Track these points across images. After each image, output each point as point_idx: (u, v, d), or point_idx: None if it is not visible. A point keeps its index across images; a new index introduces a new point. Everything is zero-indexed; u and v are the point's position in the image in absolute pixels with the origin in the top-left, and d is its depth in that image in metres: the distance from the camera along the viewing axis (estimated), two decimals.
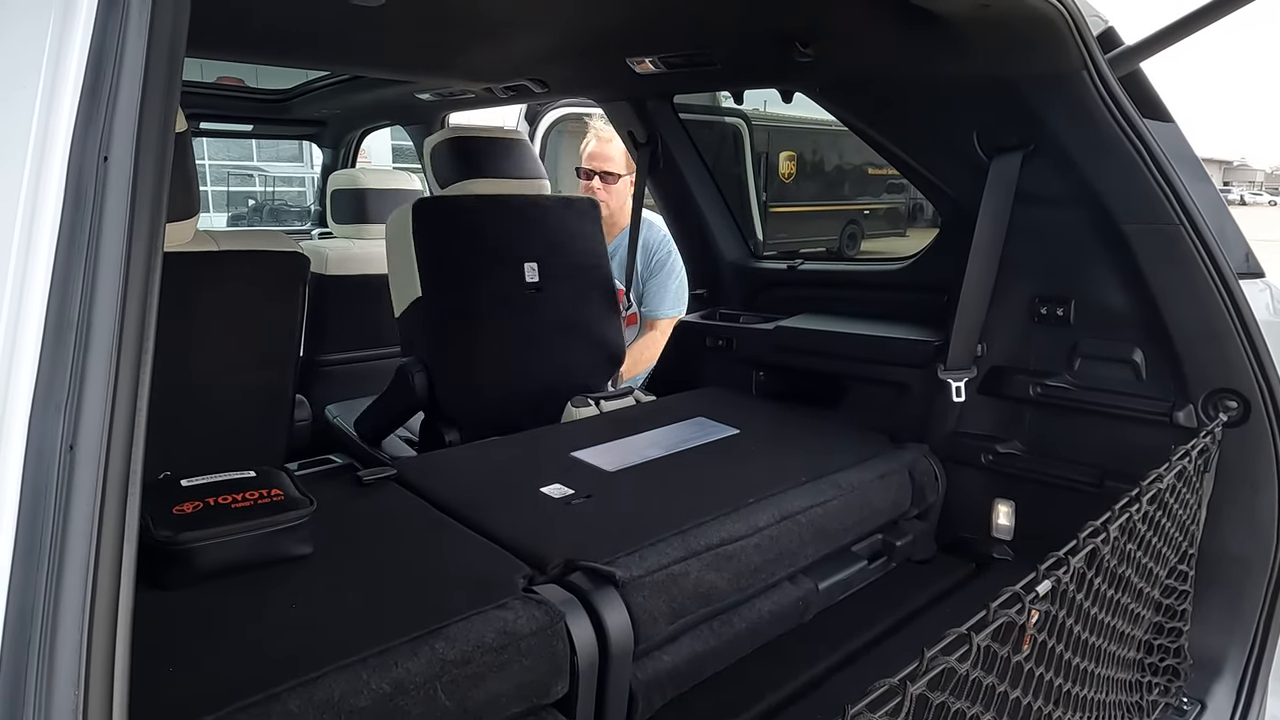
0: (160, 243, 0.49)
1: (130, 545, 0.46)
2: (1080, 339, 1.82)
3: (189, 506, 1.27)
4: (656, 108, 2.58)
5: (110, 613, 0.45)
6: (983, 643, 0.87)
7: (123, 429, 0.46)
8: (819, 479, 1.71)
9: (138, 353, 0.47)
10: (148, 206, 0.47)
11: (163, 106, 0.48)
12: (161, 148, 0.48)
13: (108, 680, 0.46)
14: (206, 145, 13.98)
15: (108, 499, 0.44)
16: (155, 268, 0.48)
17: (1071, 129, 1.65)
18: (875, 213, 16.65)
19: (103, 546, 0.44)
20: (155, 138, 0.48)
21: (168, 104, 0.49)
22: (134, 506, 0.47)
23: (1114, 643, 1.28)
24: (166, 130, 0.49)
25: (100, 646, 0.45)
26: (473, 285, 2.27)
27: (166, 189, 0.50)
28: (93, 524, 0.43)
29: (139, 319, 0.47)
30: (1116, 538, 1.15)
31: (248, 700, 0.96)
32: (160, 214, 0.49)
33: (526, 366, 2.36)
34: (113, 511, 0.45)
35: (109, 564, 0.44)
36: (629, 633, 1.27)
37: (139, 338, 0.47)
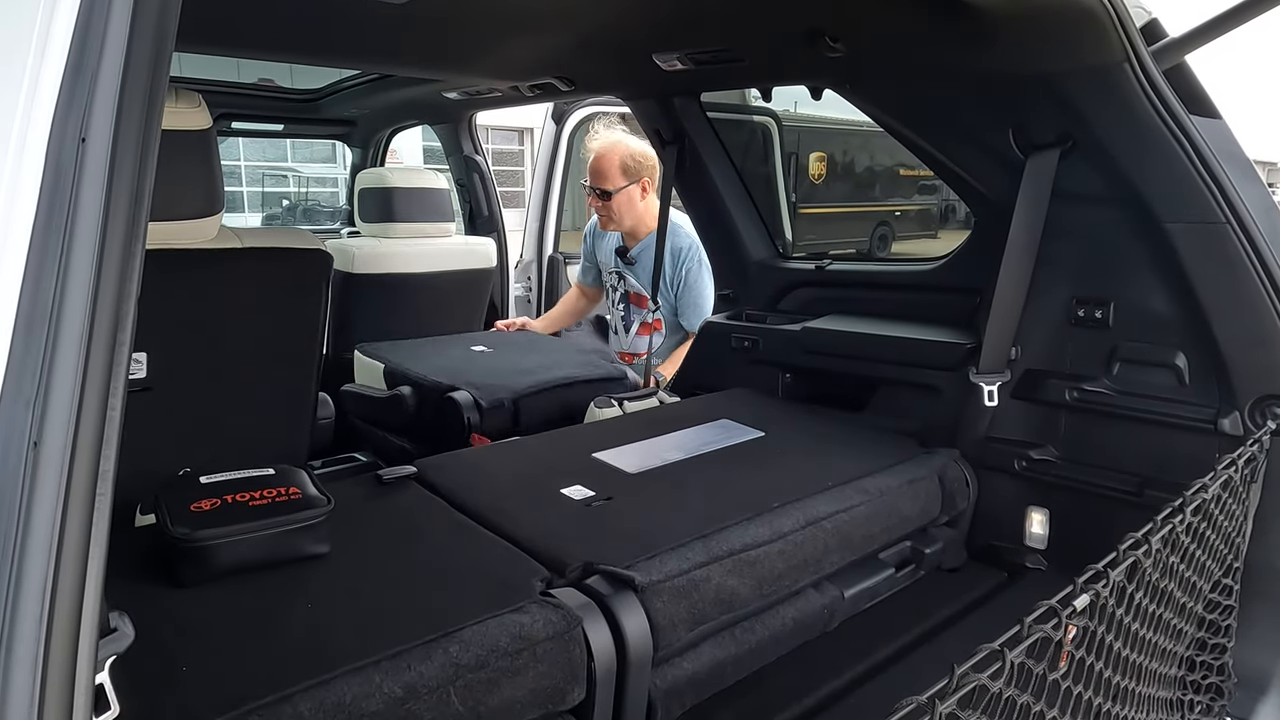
0: (140, 232, 0.47)
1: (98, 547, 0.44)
2: (1120, 342, 1.76)
3: (206, 504, 1.26)
4: (683, 106, 2.55)
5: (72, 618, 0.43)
6: (1016, 659, 0.83)
7: (91, 426, 0.44)
8: (845, 484, 1.66)
9: (110, 346, 0.45)
10: (126, 192, 0.45)
11: (146, 89, 0.46)
12: (144, 132, 0.46)
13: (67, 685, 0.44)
14: (243, 146, 14.24)
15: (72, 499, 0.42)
16: (133, 257, 0.46)
17: (1112, 125, 1.59)
18: (906, 214, 16.50)
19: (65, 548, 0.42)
20: (136, 121, 0.46)
21: (153, 87, 0.47)
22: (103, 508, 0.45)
23: (1155, 659, 1.22)
24: (151, 115, 0.47)
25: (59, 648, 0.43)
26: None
27: (150, 178, 0.48)
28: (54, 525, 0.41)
29: (112, 310, 0.45)
30: (1158, 550, 1.10)
31: (259, 702, 0.95)
32: (141, 202, 0.47)
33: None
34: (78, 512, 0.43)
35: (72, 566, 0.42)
36: (648, 639, 1.24)
37: (112, 330, 0.45)
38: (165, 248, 1.53)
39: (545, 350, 2.89)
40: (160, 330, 1.57)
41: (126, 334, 0.46)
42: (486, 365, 2.63)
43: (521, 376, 2.50)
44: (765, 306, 2.60)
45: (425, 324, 3.22)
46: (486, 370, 2.55)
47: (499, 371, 2.54)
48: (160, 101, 0.48)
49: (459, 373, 2.51)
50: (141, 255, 0.47)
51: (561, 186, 3.86)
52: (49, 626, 0.42)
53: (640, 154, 2.97)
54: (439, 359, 2.70)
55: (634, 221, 3.02)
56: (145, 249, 0.47)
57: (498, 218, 3.79)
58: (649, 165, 2.98)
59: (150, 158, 0.47)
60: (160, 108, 0.48)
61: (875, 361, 2.14)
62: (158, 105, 0.47)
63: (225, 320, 1.66)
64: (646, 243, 3.03)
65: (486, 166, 3.81)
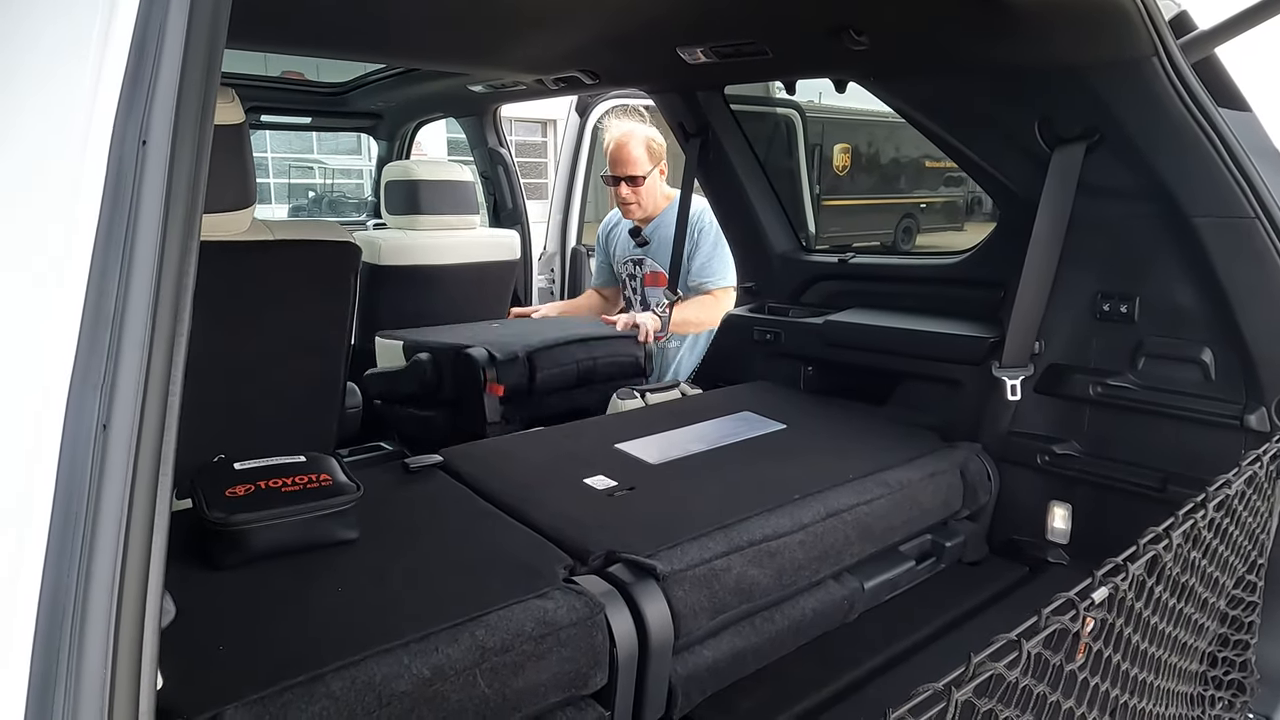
0: (196, 229, 0.50)
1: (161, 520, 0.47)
2: (1145, 337, 1.75)
3: (241, 489, 1.30)
4: (707, 98, 2.55)
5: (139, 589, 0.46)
6: (1034, 650, 0.84)
7: (155, 410, 0.47)
8: (866, 477, 1.67)
9: (171, 336, 0.47)
10: (184, 193, 0.48)
11: (201, 92, 0.49)
12: (199, 134, 0.49)
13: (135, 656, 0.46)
14: (269, 139, 14.40)
15: (139, 477, 0.45)
16: (190, 253, 0.49)
17: (1140, 118, 1.58)
18: (931, 207, 16.34)
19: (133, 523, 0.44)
20: (192, 124, 0.48)
21: (207, 90, 0.49)
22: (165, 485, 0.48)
23: (1175, 654, 1.22)
24: (205, 116, 0.50)
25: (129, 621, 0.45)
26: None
27: (204, 176, 0.50)
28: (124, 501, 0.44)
29: (172, 302, 0.47)
30: (1180, 545, 1.10)
31: (293, 680, 0.98)
32: (197, 201, 0.49)
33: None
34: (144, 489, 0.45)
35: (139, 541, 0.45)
36: (669, 626, 1.26)
37: (172, 321, 0.47)
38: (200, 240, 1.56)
39: (560, 323, 2.92)
40: (194, 321, 1.60)
41: (184, 324, 0.48)
42: (501, 331, 2.68)
43: (535, 337, 2.55)
44: (788, 299, 2.60)
45: (450, 315, 3.25)
46: (501, 334, 2.59)
47: (513, 335, 2.59)
48: (213, 101, 0.50)
49: (474, 336, 2.56)
50: (197, 249, 0.49)
51: (585, 179, 3.88)
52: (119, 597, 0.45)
53: (657, 138, 2.98)
54: (455, 333, 2.75)
55: (654, 206, 3.03)
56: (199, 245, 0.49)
57: (522, 210, 3.82)
58: (664, 148, 2.99)
59: (205, 156, 0.50)
60: (213, 107, 0.50)
61: (898, 355, 2.14)
62: (211, 105, 0.50)
63: (257, 311, 1.70)
64: (658, 221, 3.04)
65: (511, 159, 3.83)
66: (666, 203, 3.02)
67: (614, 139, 3.00)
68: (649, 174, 2.94)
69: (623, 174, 2.96)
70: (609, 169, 3.04)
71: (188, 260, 0.48)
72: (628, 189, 2.97)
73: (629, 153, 2.93)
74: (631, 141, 2.93)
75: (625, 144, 2.94)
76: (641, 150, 2.92)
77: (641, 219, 3.08)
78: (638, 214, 3.05)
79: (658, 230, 3.04)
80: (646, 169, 2.93)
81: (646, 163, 2.93)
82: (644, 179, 2.93)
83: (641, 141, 2.93)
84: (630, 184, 2.95)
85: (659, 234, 3.04)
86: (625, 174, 2.95)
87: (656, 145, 2.96)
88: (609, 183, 3.08)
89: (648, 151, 2.93)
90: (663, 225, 3.01)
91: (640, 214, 3.04)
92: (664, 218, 3.01)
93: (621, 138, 2.96)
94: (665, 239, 2.96)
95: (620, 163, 2.96)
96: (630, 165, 2.94)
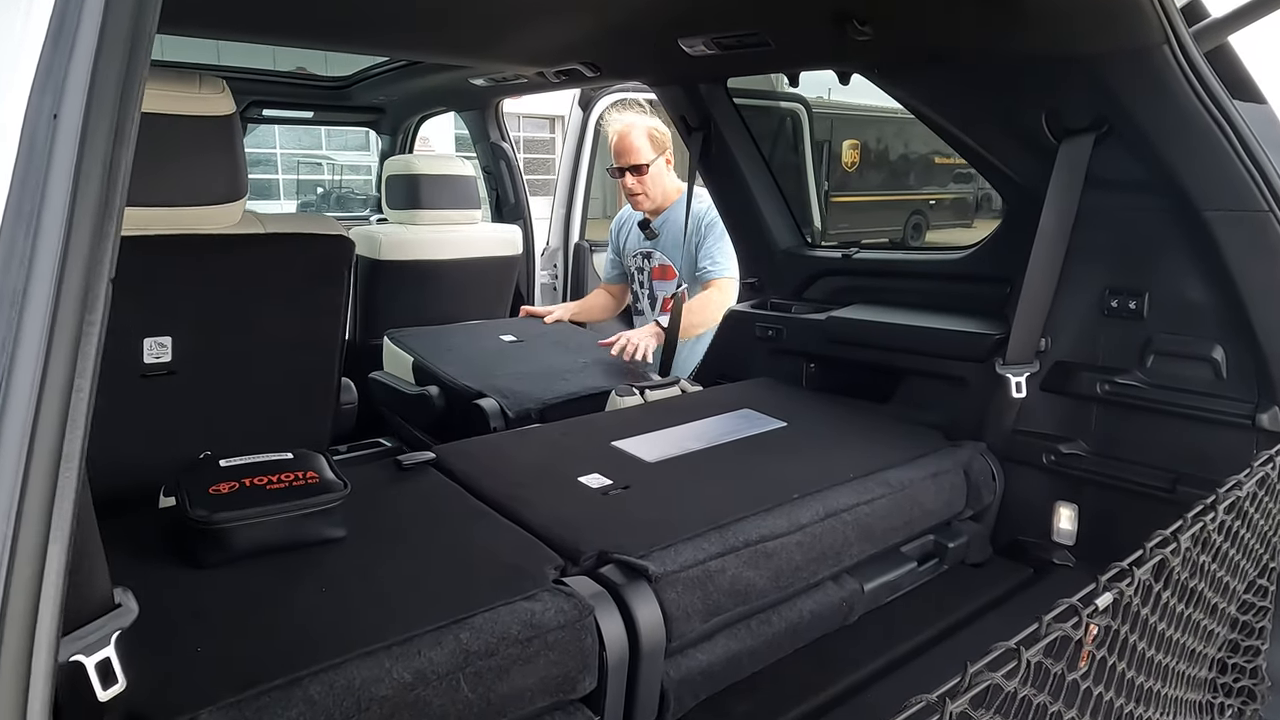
0: (114, 213, 0.46)
1: (60, 530, 0.44)
2: (1154, 334, 1.70)
3: (225, 487, 1.27)
4: (709, 91, 2.51)
5: (28, 610, 0.43)
6: (1034, 658, 0.80)
7: (55, 405, 0.44)
8: (867, 476, 1.64)
9: (77, 326, 0.44)
10: (97, 174, 0.45)
11: (122, 66, 0.45)
12: (118, 111, 0.45)
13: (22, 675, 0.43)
14: (279, 135, 14.42)
15: (31, 480, 0.42)
16: (106, 239, 0.45)
17: (1150, 109, 1.54)
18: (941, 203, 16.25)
19: (22, 530, 0.41)
20: (111, 97, 0.45)
21: (130, 65, 0.46)
22: (67, 489, 0.44)
23: (1183, 661, 1.19)
24: (128, 94, 0.46)
25: (14, 636, 0.42)
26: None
27: (126, 158, 0.47)
28: (11, 505, 0.41)
29: (79, 291, 0.44)
30: (1188, 549, 1.07)
31: (270, 684, 0.95)
32: (116, 184, 0.46)
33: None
34: (37, 493, 0.42)
35: (30, 548, 0.42)
36: (661, 629, 1.23)
37: (79, 311, 0.44)
38: (189, 233, 1.54)
39: (575, 350, 2.85)
40: (184, 315, 1.58)
41: (97, 314, 0.45)
42: (515, 368, 2.60)
43: (550, 382, 2.48)
44: (791, 295, 2.57)
45: (452, 310, 3.23)
46: (515, 375, 2.52)
47: (527, 376, 2.52)
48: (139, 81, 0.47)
49: (487, 374, 2.50)
50: (115, 237, 0.46)
51: (588, 174, 3.85)
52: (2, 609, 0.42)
53: (660, 127, 2.97)
54: (468, 355, 2.69)
55: (663, 195, 3.01)
56: (120, 232, 0.46)
57: (524, 205, 3.79)
58: (668, 137, 2.97)
59: (126, 139, 0.46)
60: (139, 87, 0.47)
61: (901, 352, 2.11)
62: (135, 84, 0.47)
63: (248, 305, 1.67)
64: (667, 214, 3.02)
65: (513, 153, 3.80)
66: (677, 195, 2.99)
67: (615, 131, 3.00)
68: (653, 162, 2.93)
69: (626, 164, 2.94)
70: (613, 161, 3.02)
71: (102, 247, 0.45)
72: (633, 179, 2.95)
73: (630, 142, 2.92)
74: (633, 131, 2.92)
75: (627, 134, 2.93)
76: (643, 139, 2.91)
77: (651, 210, 3.05)
78: (646, 205, 3.02)
79: (667, 223, 3.02)
80: (650, 156, 2.92)
81: (649, 150, 2.92)
82: (648, 167, 2.92)
83: (643, 130, 2.92)
84: (635, 173, 2.94)
85: (668, 227, 3.02)
86: (629, 163, 2.94)
87: (659, 134, 2.95)
88: (615, 175, 3.05)
89: (650, 140, 2.92)
90: (672, 218, 2.99)
91: (649, 205, 3.02)
92: (673, 211, 2.99)
93: (623, 129, 2.95)
94: (675, 232, 2.93)
95: (623, 153, 2.95)
96: (633, 154, 2.92)
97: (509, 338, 2.90)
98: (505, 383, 2.44)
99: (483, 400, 2.34)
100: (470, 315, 3.26)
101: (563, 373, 2.57)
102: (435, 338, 2.85)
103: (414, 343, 2.78)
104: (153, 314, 1.56)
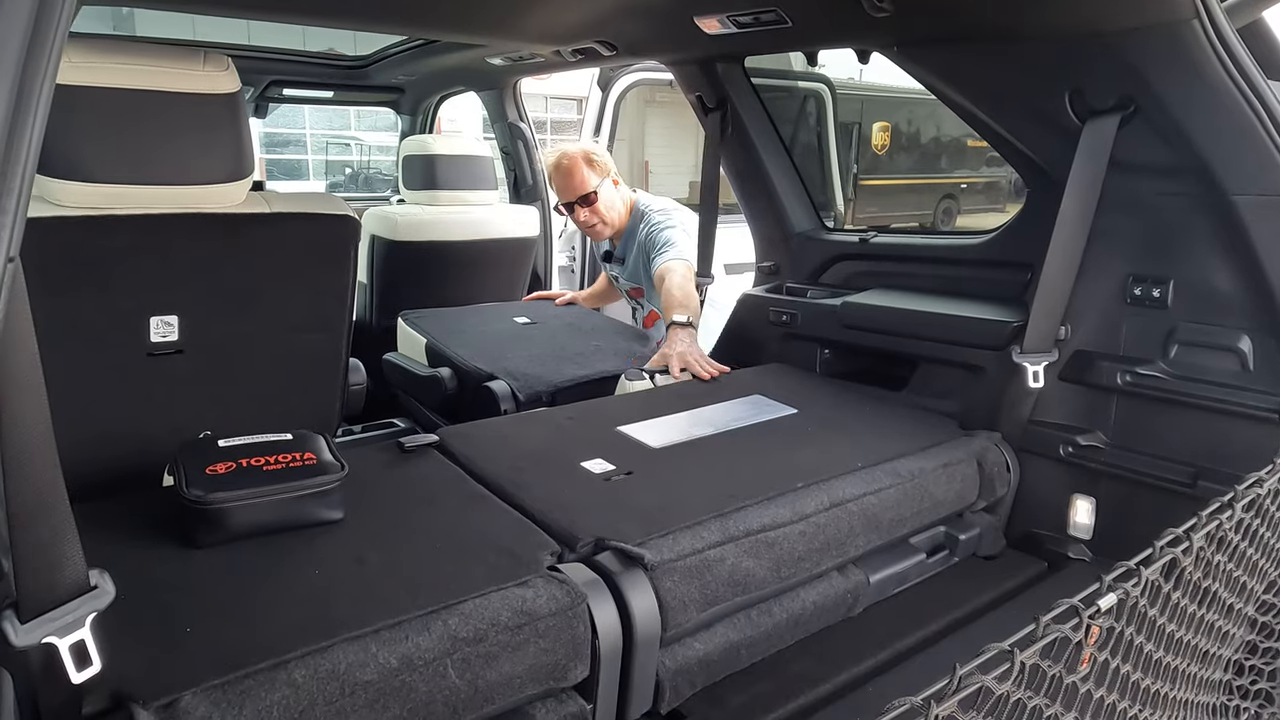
0: (14, 189, 0.44)
1: None
2: (1178, 323, 1.65)
3: (222, 467, 1.27)
4: (727, 71, 2.46)
5: None
6: (1029, 661, 0.77)
7: None
8: (875, 465, 1.60)
9: None
10: None
11: (27, 28, 0.43)
12: (20, 78, 0.43)
13: None
14: (309, 116, 14.50)
15: None
16: (4, 213, 0.43)
17: (1178, 88, 1.47)
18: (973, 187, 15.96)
19: None
20: (9, 65, 0.42)
21: (39, 26, 0.44)
22: None
23: (1194, 662, 1.15)
24: (34, 58, 0.44)
25: None
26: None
27: (30, 129, 0.45)
28: None
29: None
30: (1201, 548, 1.02)
31: (255, 666, 0.95)
32: (17, 158, 0.44)
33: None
34: None
35: None
36: (656, 618, 1.21)
37: None
38: (193, 212, 1.54)
39: (588, 333, 2.82)
40: (190, 294, 1.58)
41: None
42: (528, 350, 2.57)
43: (561, 365, 2.45)
44: (807, 280, 2.52)
45: (468, 292, 3.22)
46: (527, 357, 2.50)
47: (539, 358, 2.49)
48: (49, 47, 0.45)
49: (499, 356, 2.48)
50: (16, 214, 0.44)
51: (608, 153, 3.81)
52: None
53: (596, 151, 2.82)
54: (480, 337, 2.67)
55: (619, 218, 2.85)
56: (25, 210, 0.44)
57: (542, 186, 3.76)
58: (608, 159, 2.84)
59: (30, 110, 0.44)
60: (49, 54, 0.45)
61: (916, 339, 2.06)
62: (44, 50, 0.44)
63: (254, 284, 1.67)
64: (626, 235, 2.88)
65: (531, 134, 3.77)
66: (629, 211, 2.85)
67: (550, 166, 2.83)
68: (599, 186, 2.76)
69: (575, 197, 2.78)
70: (559, 199, 2.87)
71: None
72: (585, 211, 2.79)
73: (570, 172, 2.75)
74: (570, 161, 2.76)
75: (563, 165, 2.77)
76: (583, 167, 2.75)
77: (611, 236, 2.91)
78: (606, 233, 2.87)
79: (628, 244, 2.88)
80: (595, 183, 2.76)
81: (593, 176, 2.76)
82: (596, 193, 2.76)
83: (579, 159, 2.76)
84: (585, 204, 2.78)
85: (630, 247, 2.88)
86: (578, 195, 2.77)
87: (598, 158, 2.79)
88: (564, 212, 2.90)
89: (590, 166, 2.76)
90: (632, 239, 2.84)
91: (609, 231, 2.86)
92: (632, 232, 2.84)
93: (558, 162, 2.79)
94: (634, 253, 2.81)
95: (567, 188, 2.78)
96: (579, 185, 2.75)
97: (522, 320, 2.89)
98: (516, 365, 2.43)
99: (493, 383, 2.33)
100: (486, 297, 3.24)
101: (575, 356, 2.54)
102: (448, 319, 2.84)
103: (427, 324, 2.77)
104: (158, 293, 1.56)
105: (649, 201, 2.87)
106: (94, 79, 1.40)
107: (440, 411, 2.58)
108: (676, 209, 2.85)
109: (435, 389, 2.53)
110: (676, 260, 2.59)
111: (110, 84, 1.41)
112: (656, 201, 2.88)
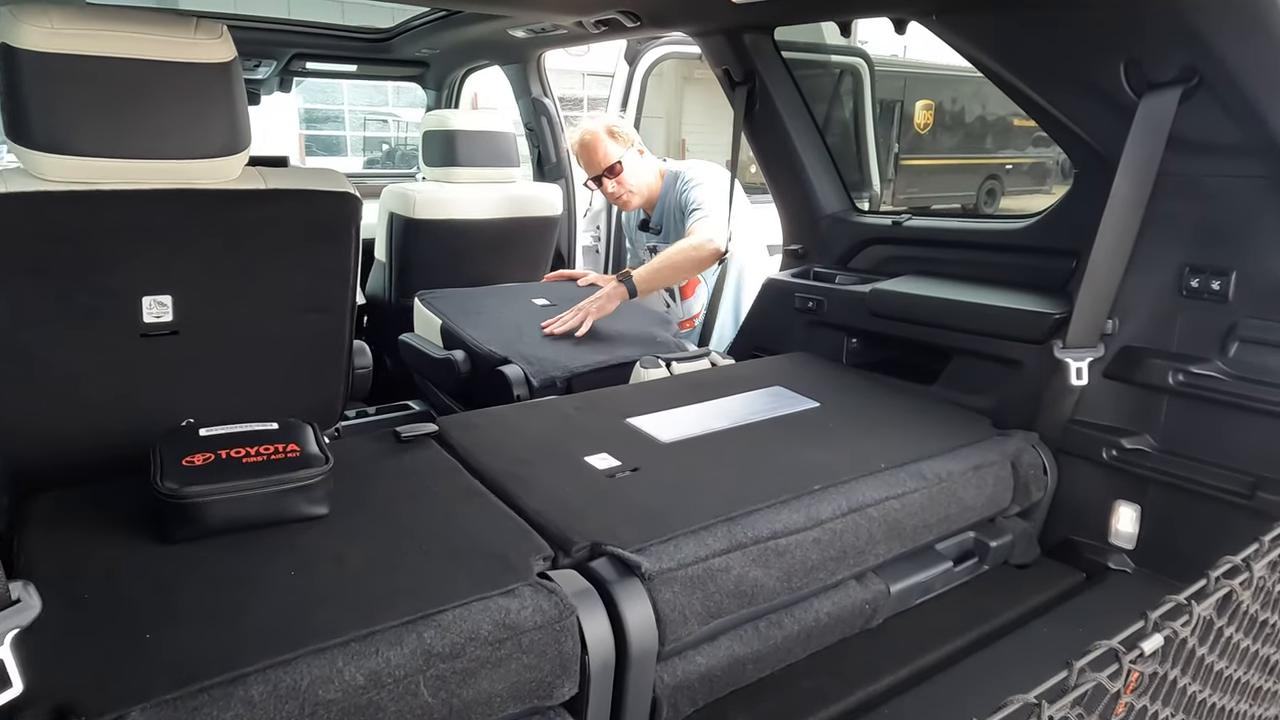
0: None
1: None
2: (1240, 319, 1.50)
3: (199, 458, 1.21)
4: (755, 42, 2.34)
5: None
6: (1059, 715, 0.67)
7: None
8: (900, 467, 1.49)
9: None
10: None
11: None
12: None
13: None
14: (347, 91, 14.54)
15: None
16: None
17: (1249, 57, 1.32)
18: (1019, 168, 15.51)
19: None
20: None
21: None
22: None
23: (1245, 700, 1.03)
24: None
25: None
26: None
27: None
28: None
29: None
30: (1262, 577, 0.91)
31: (210, 681, 0.88)
32: None
33: None
34: None
35: None
36: (653, 632, 1.13)
37: None
38: (186, 188, 1.47)
39: (610, 316, 2.73)
40: (185, 273, 1.52)
41: None
42: (545, 330, 2.51)
43: (578, 349, 2.38)
44: (836, 264, 2.40)
45: (488, 271, 3.14)
46: (543, 341, 2.44)
47: (556, 343, 2.43)
48: None
49: (514, 339, 2.41)
50: None
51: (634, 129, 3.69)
52: None
53: (617, 124, 2.84)
54: (496, 318, 2.60)
55: (648, 187, 2.86)
56: None
57: (565, 164, 3.66)
58: (631, 131, 2.84)
59: None
60: None
61: (950, 329, 1.93)
62: None
63: (250, 264, 1.60)
64: (660, 203, 2.89)
65: (555, 110, 3.66)
66: (661, 179, 2.86)
67: (575, 144, 2.86)
68: (623, 157, 2.78)
69: (600, 170, 2.79)
70: (587, 174, 2.89)
71: None
72: (612, 182, 2.81)
73: (592, 145, 2.78)
74: (591, 135, 2.77)
75: (586, 140, 2.79)
76: (605, 139, 2.76)
77: (643, 204, 2.92)
78: (636, 202, 2.89)
79: (664, 211, 2.88)
80: (619, 153, 2.77)
81: (616, 148, 2.77)
82: (620, 164, 2.78)
83: (601, 131, 2.77)
84: (611, 175, 2.80)
85: (667, 215, 2.88)
86: (603, 168, 2.79)
87: (619, 130, 2.80)
88: (593, 187, 2.92)
89: (612, 137, 2.77)
90: (666, 205, 2.85)
91: (639, 201, 2.88)
92: (666, 197, 2.85)
93: (581, 138, 2.80)
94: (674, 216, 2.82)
95: (592, 162, 2.81)
96: (602, 158, 2.78)
97: (541, 301, 2.80)
98: (532, 349, 2.34)
99: (507, 367, 2.25)
100: (507, 277, 3.16)
101: (593, 340, 2.46)
102: (465, 300, 2.76)
103: (443, 305, 2.70)
104: (150, 272, 1.50)
105: (678, 167, 2.86)
106: (78, 47, 1.33)
107: (454, 395, 2.52)
108: (705, 166, 2.82)
109: (449, 372, 2.46)
110: (700, 221, 2.59)
111: (95, 52, 1.34)
112: (685, 164, 2.86)
